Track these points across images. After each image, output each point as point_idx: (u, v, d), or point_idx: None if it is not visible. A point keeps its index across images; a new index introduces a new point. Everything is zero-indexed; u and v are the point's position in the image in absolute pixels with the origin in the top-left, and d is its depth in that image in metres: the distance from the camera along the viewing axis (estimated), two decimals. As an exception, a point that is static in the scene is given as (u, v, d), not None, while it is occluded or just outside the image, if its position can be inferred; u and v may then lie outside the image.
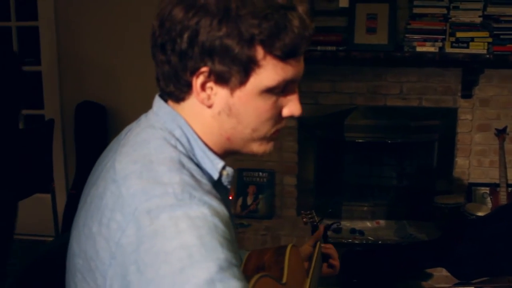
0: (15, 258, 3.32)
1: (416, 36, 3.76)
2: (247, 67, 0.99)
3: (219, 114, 1.04)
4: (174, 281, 0.84)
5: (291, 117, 1.09)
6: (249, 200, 4.12)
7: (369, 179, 4.30)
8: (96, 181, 1.04)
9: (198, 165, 1.05)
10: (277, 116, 1.07)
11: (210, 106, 1.03)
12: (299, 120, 4.03)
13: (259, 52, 0.98)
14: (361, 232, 3.90)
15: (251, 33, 0.96)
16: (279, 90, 1.04)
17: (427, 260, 3.59)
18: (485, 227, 3.58)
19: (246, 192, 4.12)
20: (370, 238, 3.84)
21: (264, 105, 1.03)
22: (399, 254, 3.65)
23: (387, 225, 4.06)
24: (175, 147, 1.02)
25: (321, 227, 1.76)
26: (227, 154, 1.12)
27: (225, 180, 1.09)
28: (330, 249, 1.75)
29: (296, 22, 0.98)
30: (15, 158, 3.25)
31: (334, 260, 1.73)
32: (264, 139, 1.09)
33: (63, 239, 1.14)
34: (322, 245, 1.74)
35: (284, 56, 1.00)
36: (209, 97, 1.02)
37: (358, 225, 4.04)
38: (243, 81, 1.00)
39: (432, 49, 3.75)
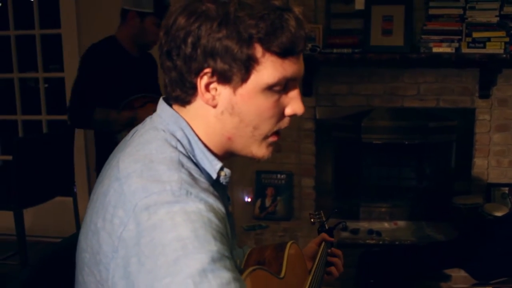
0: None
1: (432, 37, 3.76)
2: (248, 65, 1.05)
3: (222, 113, 1.09)
4: (169, 270, 0.89)
5: (294, 116, 1.14)
6: (268, 202, 4.15)
7: (387, 180, 4.29)
8: (103, 180, 1.09)
9: (197, 165, 1.10)
10: (279, 115, 1.12)
11: (214, 106, 1.09)
12: (317, 122, 4.06)
13: (258, 50, 1.04)
14: (378, 233, 3.90)
15: (249, 32, 1.03)
16: (280, 88, 1.09)
17: (445, 261, 3.58)
18: (503, 227, 3.55)
19: (264, 194, 4.15)
20: (386, 238, 3.84)
21: (266, 102, 1.08)
22: (417, 255, 3.65)
23: (405, 226, 4.05)
24: (176, 147, 1.08)
25: (324, 235, 1.76)
26: (227, 156, 1.18)
27: (223, 180, 1.15)
28: (335, 258, 1.75)
29: (292, 22, 1.04)
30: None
31: (337, 269, 1.72)
32: (264, 140, 1.14)
33: (74, 238, 1.19)
34: (332, 249, 1.76)
35: (283, 53, 1.05)
36: (213, 98, 1.08)
37: (376, 226, 4.04)
38: (244, 79, 1.06)
39: (448, 50, 3.75)
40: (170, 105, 1.16)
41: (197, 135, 1.12)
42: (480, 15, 3.72)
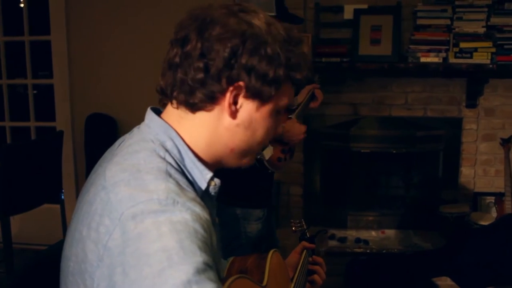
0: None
1: (420, 47, 3.78)
2: (275, 88, 1.11)
3: (237, 125, 1.13)
4: (154, 281, 0.89)
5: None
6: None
7: (375, 189, 4.32)
8: (89, 188, 1.10)
9: (186, 176, 1.10)
10: (273, 134, 1.22)
11: (234, 118, 1.12)
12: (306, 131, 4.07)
13: (285, 77, 1.12)
14: (366, 242, 3.91)
15: (286, 57, 1.10)
16: (279, 113, 1.18)
17: (432, 270, 3.59)
18: (490, 236, 3.58)
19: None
20: (374, 247, 3.85)
21: (274, 123, 1.18)
22: (404, 263, 3.66)
23: (393, 235, 4.07)
24: (164, 158, 1.08)
25: (305, 243, 1.77)
26: (216, 166, 1.19)
27: (212, 190, 1.15)
28: (317, 266, 1.75)
29: (308, 60, 1.20)
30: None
31: (319, 277, 1.72)
32: (256, 152, 1.23)
33: (58, 246, 1.19)
34: (313, 257, 1.76)
35: (295, 83, 1.16)
36: (237, 110, 1.12)
37: (364, 234, 4.05)
38: (267, 100, 1.12)
39: (436, 60, 3.77)
40: (158, 115, 1.16)
41: (187, 145, 1.12)
42: (467, 26, 3.75)
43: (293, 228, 2.00)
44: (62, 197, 3.71)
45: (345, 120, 4.07)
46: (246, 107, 1.11)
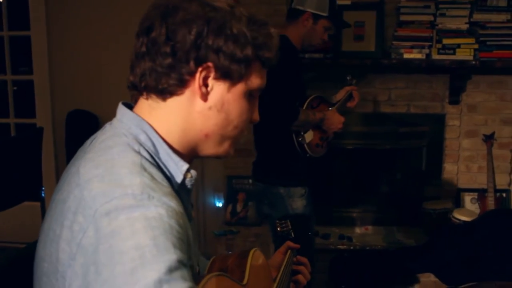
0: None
1: (403, 43, 3.78)
2: (245, 68, 1.11)
3: (209, 108, 1.11)
4: (125, 281, 0.87)
5: (253, 122, 1.23)
6: (239, 207, 4.13)
7: (358, 185, 4.31)
8: (62, 187, 1.07)
9: (161, 169, 1.08)
10: (250, 119, 1.20)
11: (205, 100, 1.11)
12: (288, 127, 4.05)
13: (254, 56, 1.12)
14: (349, 238, 3.91)
15: (252, 37, 1.10)
16: (255, 96, 1.17)
17: (415, 266, 3.60)
18: (472, 232, 3.59)
19: (235, 199, 4.13)
20: (357, 244, 3.85)
21: (247, 106, 1.16)
22: (387, 259, 3.67)
23: (376, 231, 4.07)
24: (138, 152, 1.05)
25: (289, 243, 1.75)
26: (192, 156, 1.17)
27: (188, 183, 1.13)
28: (301, 266, 1.73)
29: (275, 39, 1.17)
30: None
31: (304, 277, 1.71)
32: (234, 140, 1.19)
33: (32, 247, 1.16)
34: (298, 257, 1.74)
35: (265, 65, 1.16)
36: (207, 92, 1.10)
37: (347, 231, 4.05)
38: (238, 80, 1.12)
39: (419, 56, 3.77)
40: (130, 109, 1.14)
41: (161, 137, 1.10)
42: (450, 22, 3.76)
43: (278, 229, 1.98)
44: (43, 194, 3.66)
45: (328, 116, 4.05)
46: (217, 88, 1.11)
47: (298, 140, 2.77)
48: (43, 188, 3.67)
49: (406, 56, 3.77)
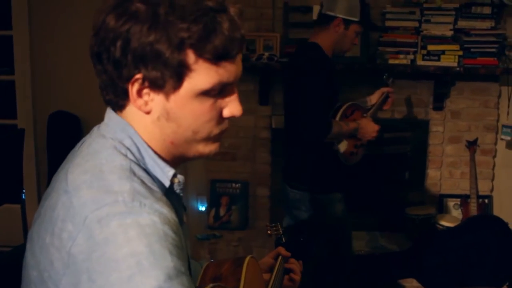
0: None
1: (388, 49, 3.80)
2: (180, 72, 0.99)
3: (158, 119, 1.04)
4: None
5: (232, 117, 1.09)
6: (222, 211, 4.11)
7: (341, 190, 4.30)
8: (51, 193, 1.04)
9: (149, 174, 1.05)
10: (218, 117, 1.08)
11: (148, 112, 1.04)
12: (273, 132, 4.04)
13: (190, 56, 0.99)
14: (333, 243, 3.90)
15: (180, 37, 0.97)
16: (215, 93, 1.04)
17: (398, 271, 3.61)
18: (455, 238, 3.61)
19: (219, 203, 4.11)
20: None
21: (201, 107, 1.04)
22: (371, 265, 3.67)
23: (359, 236, 4.06)
24: (126, 155, 1.03)
25: (281, 249, 1.73)
26: (178, 161, 1.12)
27: (177, 188, 1.10)
28: (293, 264, 1.74)
29: (226, 25, 0.99)
30: None
31: (295, 274, 1.71)
32: (209, 140, 1.09)
33: (18, 250, 1.13)
34: (290, 260, 1.73)
35: (216, 59, 1.00)
36: (146, 103, 1.03)
37: (331, 236, 4.04)
38: (176, 86, 1.00)
39: (404, 62, 3.80)
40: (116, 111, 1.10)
41: (145, 142, 1.06)
42: (435, 29, 3.78)
43: (269, 232, 1.96)
44: (23, 197, 3.61)
45: (313, 121, 4.04)
46: (157, 98, 1.02)
47: (332, 149, 2.77)
48: (24, 191, 3.62)
49: (391, 61, 3.79)
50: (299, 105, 2.68)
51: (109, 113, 1.10)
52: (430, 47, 3.77)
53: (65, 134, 4.14)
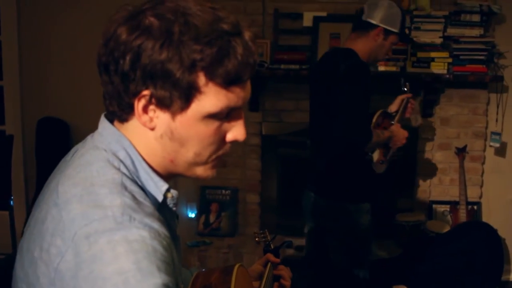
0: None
1: (378, 56, 3.80)
2: (188, 93, 0.97)
3: (161, 137, 1.02)
4: None
5: (235, 142, 1.08)
6: (212, 218, 4.09)
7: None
8: (40, 204, 1.02)
9: (142, 187, 1.03)
10: (221, 141, 1.06)
11: (152, 129, 1.02)
12: (263, 138, 4.04)
13: (201, 78, 0.97)
14: (323, 250, 3.89)
15: (192, 59, 0.95)
16: (222, 116, 1.02)
17: (389, 278, 3.60)
18: (445, 244, 3.61)
19: (209, 210, 4.10)
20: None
21: (207, 130, 1.02)
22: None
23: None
24: (118, 169, 1.01)
25: (270, 256, 1.72)
26: (172, 176, 1.11)
27: (170, 202, 1.08)
28: (282, 270, 1.74)
29: (240, 49, 0.97)
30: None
31: (285, 280, 1.71)
32: (207, 163, 1.08)
33: (10, 258, 1.11)
34: (279, 266, 1.72)
35: (227, 83, 0.98)
36: (151, 120, 1.01)
37: (321, 243, 4.03)
38: (184, 107, 0.98)
39: (394, 69, 3.80)
40: (112, 121, 1.08)
41: (140, 155, 1.04)
42: (424, 36, 3.80)
43: (257, 239, 1.95)
44: (11, 203, 3.58)
45: (303, 127, 4.04)
46: (162, 116, 1.00)
47: (365, 158, 2.73)
48: (12, 197, 3.59)
49: (381, 68, 3.80)
50: (341, 112, 2.59)
51: (104, 123, 1.08)
52: (420, 54, 3.78)
53: (54, 140, 4.12)
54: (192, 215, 4.14)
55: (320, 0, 3.94)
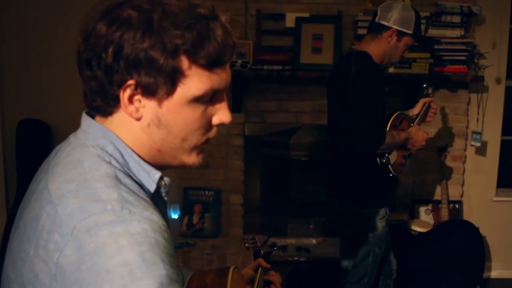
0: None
1: (360, 56, 3.81)
2: (173, 78, 0.99)
3: (148, 126, 1.03)
4: None
5: (221, 125, 1.09)
6: (195, 219, 4.08)
7: (315, 196, 4.32)
8: (29, 204, 1.01)
9: (134, 179, 1.03)
10: (207, 125, 1.07)
11: (139, 119, 1.02)
12: (246, 139, 4.04)
13: (184, 62, 0.98)
14: (306, 250, 3.91)
15: (174, 43, 0.97)
16: (207, 99, 1.04)
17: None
18: (429, 243, 3.64)
19: (192, 211, 4.09)
20: (315, 255, 3.85)
21: (193, 114, 1.03)
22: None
23: (333, 242, 4.07)
24: (110, 163, 1.01)
25: (261, 261, 1.73)
26: (160, 168, 1.10)
27: (163, 191, 1.08)
28: (273, 276, 1.74)
29: (219, 31, 1.00)
30: None
31: (276, 286, 1.71)
32: (195, 149, 1.09)
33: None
34: (269, 272, 1.73)
35: (209, 65, 1.00)
36: (137, 110, 1.01)
37: (304, 242, 4.05)
38: (170, 92, 1.00)
39: (375, 69, 3.82)
40: (93, 117, 1.08)
41: (129, 147, 1.04)
42: (406, 36, 3.81)
43: (246, 245, 1.96)
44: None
45: (286, 128, 4.06)
46: (148, 104, 1.01)
47: (382, 161, 2.68)
48: (-8, 200, 3.55)
49: (363, 69, 3.80)
50: (352, 114, 2.58)
51: (87, 120, 1.08)
52: (401, 55, 3.80)
53: (35, 142, 4.08)
54: (175, 216, 4.12)
55: (303, 1, 3.95)
